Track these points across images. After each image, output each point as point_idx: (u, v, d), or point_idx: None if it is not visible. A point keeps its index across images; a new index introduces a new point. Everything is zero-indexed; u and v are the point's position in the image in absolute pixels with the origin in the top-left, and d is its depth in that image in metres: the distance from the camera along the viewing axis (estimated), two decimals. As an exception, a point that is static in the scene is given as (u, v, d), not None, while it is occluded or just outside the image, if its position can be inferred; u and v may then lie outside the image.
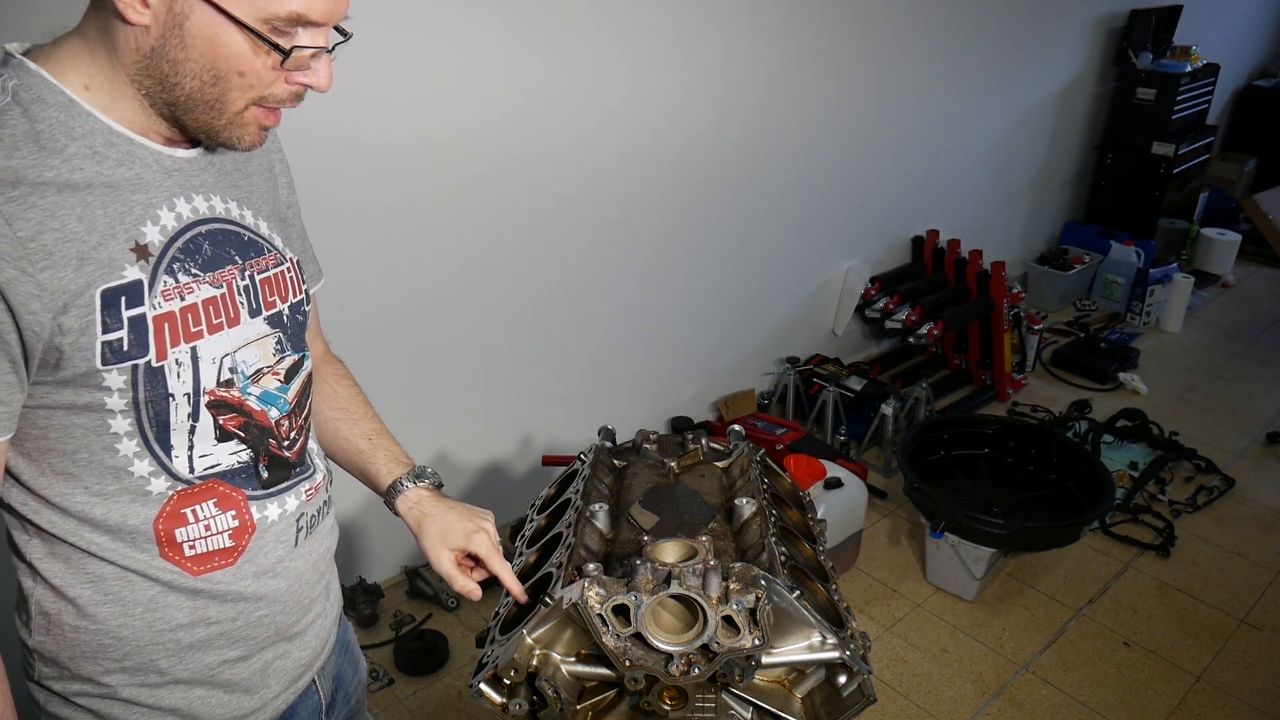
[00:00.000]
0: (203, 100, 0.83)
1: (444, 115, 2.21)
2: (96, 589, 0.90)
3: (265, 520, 0.97)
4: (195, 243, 0.89)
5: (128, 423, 0.85)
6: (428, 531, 1.12)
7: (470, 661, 2.33)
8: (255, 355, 0.95)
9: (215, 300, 0.90)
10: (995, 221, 4.36)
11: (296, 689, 1.07)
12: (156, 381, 0.85)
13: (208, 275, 0.89)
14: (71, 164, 0.80)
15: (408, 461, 1.17)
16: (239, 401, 0.92)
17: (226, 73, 0.81)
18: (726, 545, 1.16)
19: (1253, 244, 5.10)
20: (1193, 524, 2.97)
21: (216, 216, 0.92)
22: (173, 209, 0.87)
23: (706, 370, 3.27)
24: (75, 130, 0.81)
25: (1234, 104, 5.84)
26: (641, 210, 2.76)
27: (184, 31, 0.79)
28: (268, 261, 0.97)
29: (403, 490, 1.14)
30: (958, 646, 2.46)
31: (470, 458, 2.66)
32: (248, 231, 0.96)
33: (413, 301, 2.34)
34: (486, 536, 1.12)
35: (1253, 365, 4.02)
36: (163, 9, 0.78)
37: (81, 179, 0.80)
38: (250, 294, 0.94)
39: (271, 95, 0.85)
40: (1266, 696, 2.31)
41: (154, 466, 0.88)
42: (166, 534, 0.90)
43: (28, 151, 0.78)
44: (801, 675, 1.05)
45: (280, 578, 1.00)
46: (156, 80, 0.82)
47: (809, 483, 2.53)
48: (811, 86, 3.09)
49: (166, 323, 0.85)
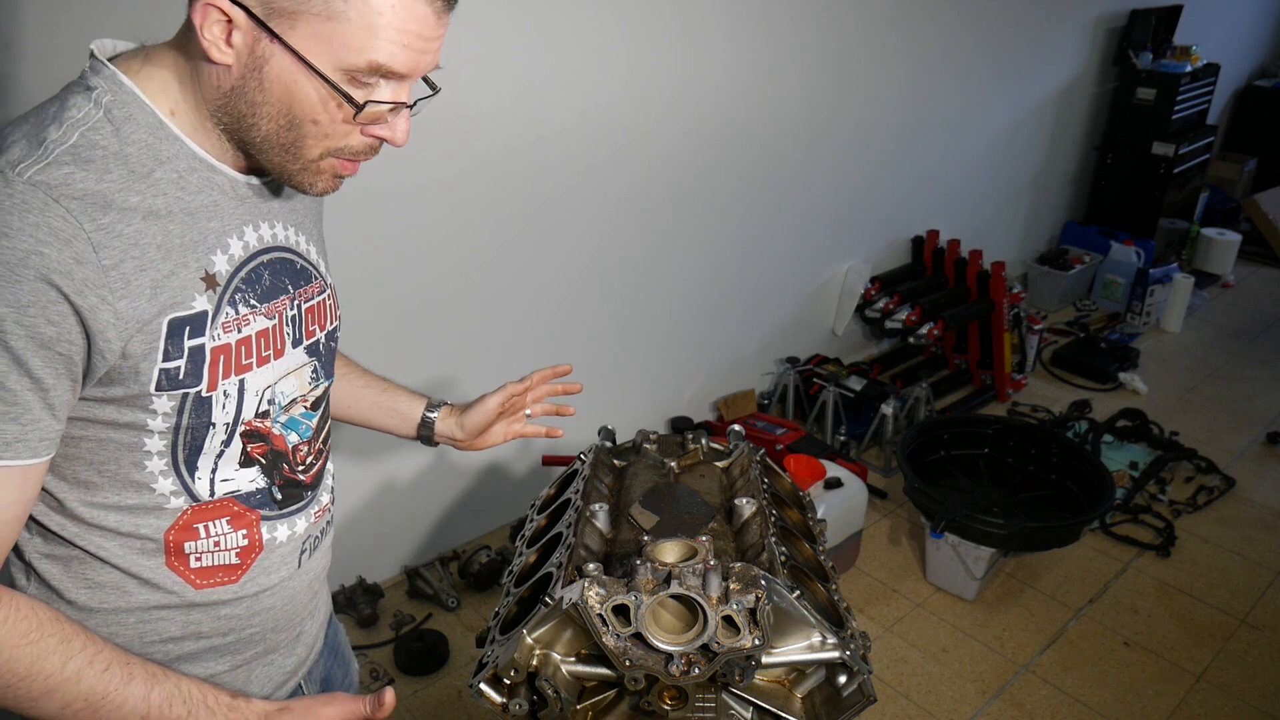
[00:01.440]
0: (278, 144, 0.82)
1: (440, 112, 2.21)
2: (92, 594, 0.89)
3: (274, 541, 0.97)
4: (256, 272, 0.89)
5: (162, 444, 0.85)
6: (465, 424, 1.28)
7: (470, 661, 2.33)
8: (293, 385, 0.95)
9: (267, 332, 0.90)
10: (995, 221, 4.36)
11: (279, 695, 1.07)
12: (202, 410, 0.85)
13: (264, 306, 0.90)
14: (156, 189, 0.80)
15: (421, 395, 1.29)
16: (268, 431, 0.93)
17: (301, 120, 0.81)
18: (726, 545, 1.16)
19: (1253, 244, 5.10)
20: (1193, 524, 2.97)
21: (278, 245, 0.93)
22: (241, 237, 0.87)
23: (706, 370, 3.27)
24: (162, 154, 0.81)
25: (1234, 104, 5.84)
26: (641, 210, 2.76)
27: (263, 75, 0.78)
28: (313, 289, 0.98)
29: (438, 411, 1.28)
30: (958, 646, 2.46)
31: (470, 458, 2.66)
32: (300, 259, 0.96)
33: (412, 302, 2.34)
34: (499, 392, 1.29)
35: (1253, 365, 4.02)
36: (245, 51, 0.77)
37: (164, 206, 0.80)
38: (296, 324, 0.95)
39: (348, 146, 0.85)
40: (1266, 696, 2.30)
41: (176, 486, 0.88)
42: (176, 544, 0.90)
43: (118, 175, 0.77)
44: (801, 675, 1.05)
45: (278, 596, 1.00)
46: (234, 119, 0.81)
47: (809, 483, 2.53)
48: (811, 86, 3.09)
49: (223, 355, 0.85)
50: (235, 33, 0.77)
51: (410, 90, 0.85)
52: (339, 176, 0.88)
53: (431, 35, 0.80)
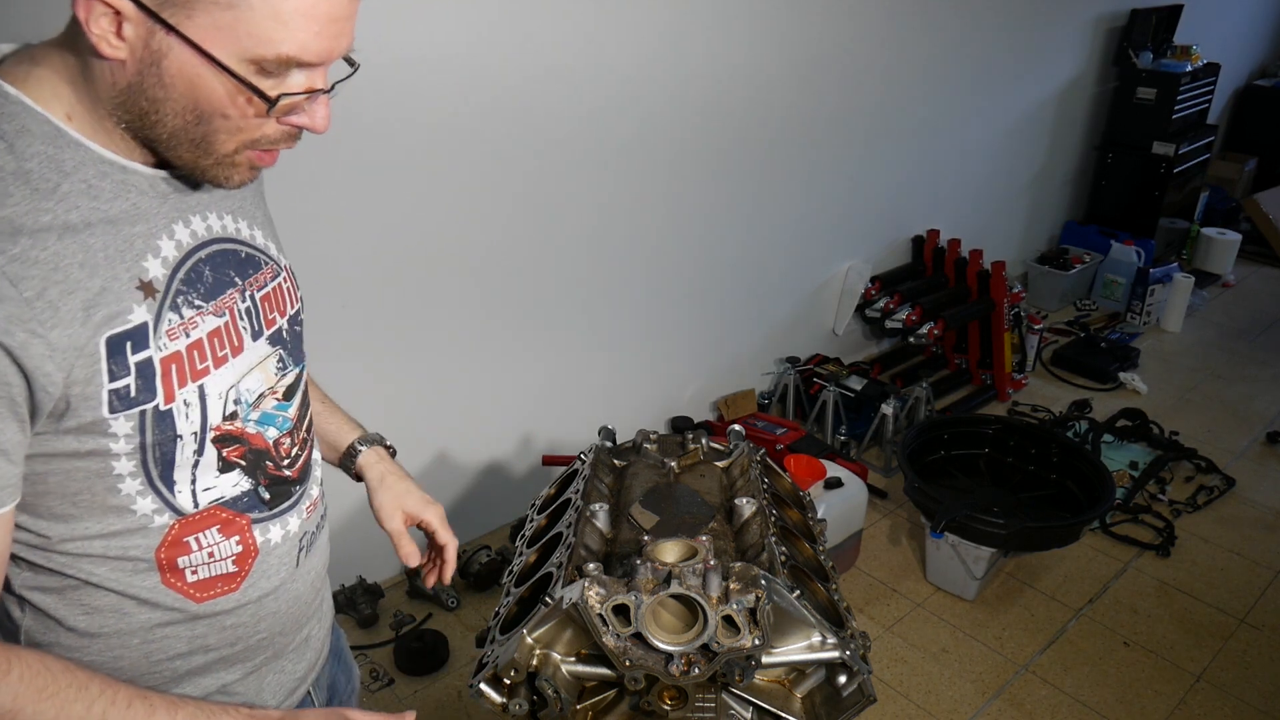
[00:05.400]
0: (187, 139, 0.76)
1: (441, 112, 2.21)
2: (91, 620, 0.86)
3: (269, 543, 0.94)
4: (196, 271, 0.83)
5: (132, 464, 0.80)
6: (391, 487, 1.15)
7: (470, 661, 2.33)
8: (258, 380, 0.90)
9: (220, 331, 0.85)
10: (995, 221, 4.36)
11: (291, 702, 1.06)
12: (165, 424, 0.80)
13: (210, 305, 0.84)
14: (67, 203, 0.73)
15: (363, 428, 1.20)
16: (241, 432, 0.88)
17: (210, 114, 0.75)
18: (726, 545, 1.16)
19: (1253, 244, 5.10)
20: (1193, 524, 2.97)
21: (214, 237, 0.86)
22: (172, 237, 0.81)
23: (706, 370, 3.27)
24: (66, 164, 0.74)
25: (1234, 104, 5.83)
26: (641, 209, 2.76)
27: (162, 70, 0.71)
28: (265, 275, 0.92)
29: (363, 450, 1.17)
30: (958, 646, 2.46)
31: (470, 458, 2.66)
32: (245, 246, 0.90)
33: (413, 302, 2.34)
34: (437, 510, 1.18)
35: (1253, 365, 4.02)
36: (139, 44, 0.70)
37: (79, 219, 0.74)
38: (251, 316, 0.89)
39: (264, 137, 0.79)
40: (1266, 696, 2.31)
41: (157, 504, 0.84)
42: (169, 561, 0.86)
43: (20, 196, 0.71)
44: (801, 675, 1.05)
45: (281, 599, 0.97)
46: (136, 116, 0.75)
47: (809, 483, 2.53)
48: (811, 87, 3.09)
49: (174, 364, 0.80)
50: (126, 24, 0.70)
51: (326, 74, 0.78)
52: (255, 167, 0.82)
53: (344, 16, 0.74)
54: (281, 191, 1.97)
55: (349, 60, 0.81)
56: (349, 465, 1.17)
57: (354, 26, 0.76)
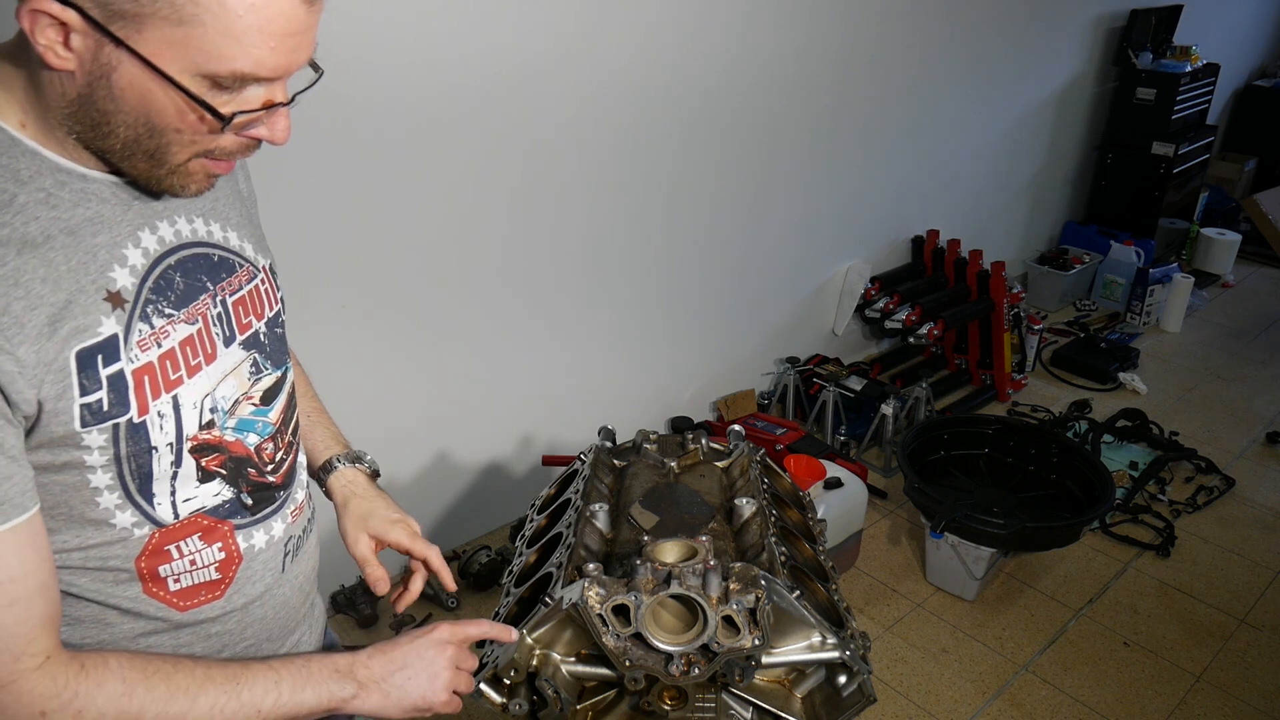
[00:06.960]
0: (141, 151, 0.74)
1: (439, 111, 2.21)
2: (74, 630, 0.84)
3: (253, 549, 0.92)
4: (166, 278, 0.81)
5: (108, 477, 0.79)
6: (353, 510, 1.10)
7: (470, 661, 2.33)
8: (232, 387, 0.88)
9: (192, 339, 0.83)
10: (995, 221, 4.36)
11: None
12: (139, 437, 0.79)
13: (182, 312, 0.82)
14: (25, 215, 0.71)
15: (346, 443, 1.16)
16: (219, 440, 0.86)
17: (162, 128, 0.72)
18: (726, 545, 1.16)
19: (1253, 244, 5.10)
20: (1193, 524, 2.97)
21: (184, 242, 0.84)
22: (139, 244, 0.79)
23: (706, 370, 3.27)
24: (22, 174, 0.72)
25: (1234, 104, 5.84)
26: (641, 210, 2.76)
27: (112, 84, 0.69)
28: (240, 279, 0.90)
29: (338, 468, 1.12)
30: (958, 646, 2.46)
31: (470, 458, 2.66)
32: (217, 250, 0.88)
33: (413, 302, 2.34)
34: (406, 526, 1.11)
35: (1253, 365, 4.02)
36: (88, 56, 0.68)
37: (39, 231, 0.71)
38: (224, 321, 0.87)
39: (219, 148, 0.76)
40: (1266, 696, 2.31)
41: (136, 517, 0.82)
42: (150, 570, 0.85)
43: None
44: (801, 675, 1.05)
45: (267, 605, 0.96)
46: (87, 127, 0.72)
47: (809, 483, 2.53)
48: (811, 86, 3.09)
49: (146, 375, 0.78)
50: (74, 35, 0.67)
51: (285, 87, 0.75)
52: (212, 175, 0.80)
53: (302, 29, 0.72)
54: (281, 191, 1.97)
55: (314, 65, 0.78)
56: (322, 483, 1.14)
57: (314, 38, 0.74)
